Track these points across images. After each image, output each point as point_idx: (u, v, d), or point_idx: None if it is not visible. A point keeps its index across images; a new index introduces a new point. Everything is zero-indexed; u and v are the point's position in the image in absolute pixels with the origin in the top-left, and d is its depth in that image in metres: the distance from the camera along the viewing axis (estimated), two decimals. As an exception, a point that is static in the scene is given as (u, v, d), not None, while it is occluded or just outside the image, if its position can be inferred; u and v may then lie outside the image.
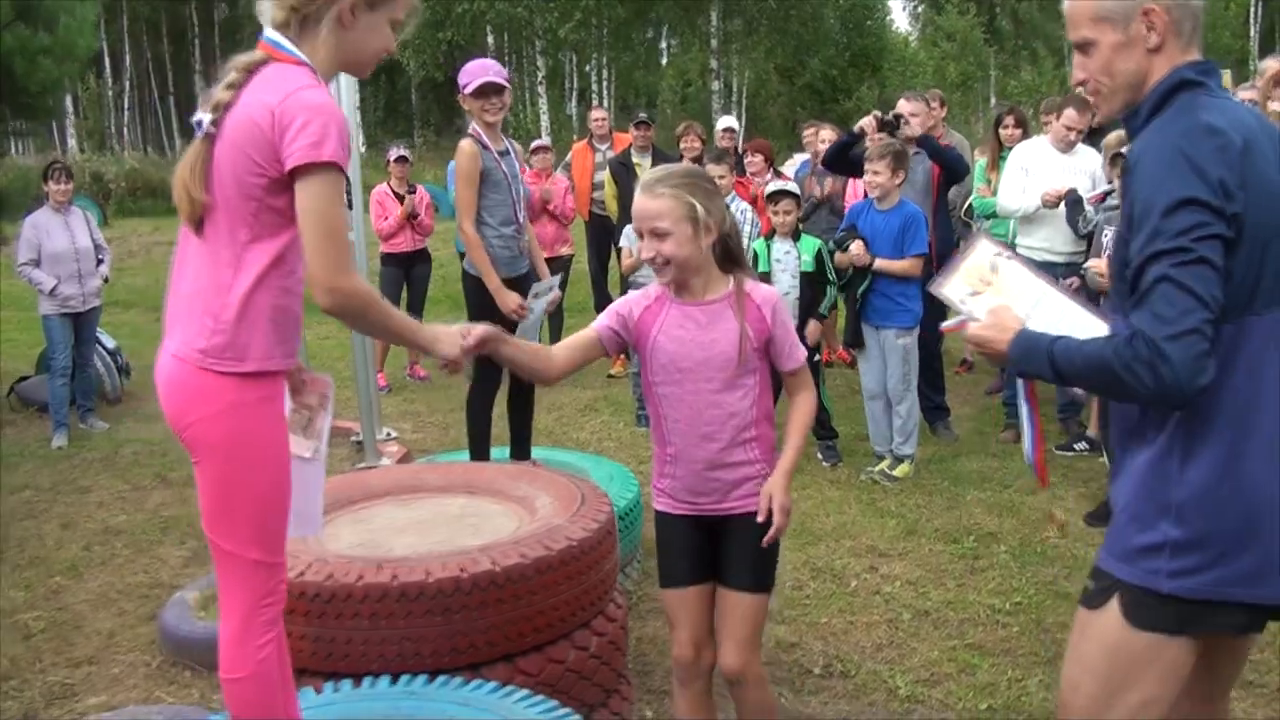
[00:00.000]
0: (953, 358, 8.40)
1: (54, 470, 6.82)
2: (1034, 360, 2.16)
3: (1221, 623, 2.08)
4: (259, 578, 2.35)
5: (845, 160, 6.80)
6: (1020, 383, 2.62)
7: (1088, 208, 5.97)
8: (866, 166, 6.05)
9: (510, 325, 5.04)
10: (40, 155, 28.81)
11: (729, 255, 2.95)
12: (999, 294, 2.37)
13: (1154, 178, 1.98)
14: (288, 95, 2.23)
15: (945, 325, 2.72)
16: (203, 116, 2.33)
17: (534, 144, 9.48)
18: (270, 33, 2.35)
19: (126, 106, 38.78)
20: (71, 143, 32.94)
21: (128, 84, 38.68)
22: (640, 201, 2.84)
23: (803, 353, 3.04)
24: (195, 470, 2.36)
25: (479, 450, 5.25)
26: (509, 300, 5.04)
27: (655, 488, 3.08)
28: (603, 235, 10.06)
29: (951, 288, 2.45)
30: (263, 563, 2.34)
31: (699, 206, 2.81)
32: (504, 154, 5.09)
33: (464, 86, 5.08)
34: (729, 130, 9.77)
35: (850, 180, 7.78)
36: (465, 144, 5.01)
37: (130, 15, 37.72)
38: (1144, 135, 2.09)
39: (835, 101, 32.84)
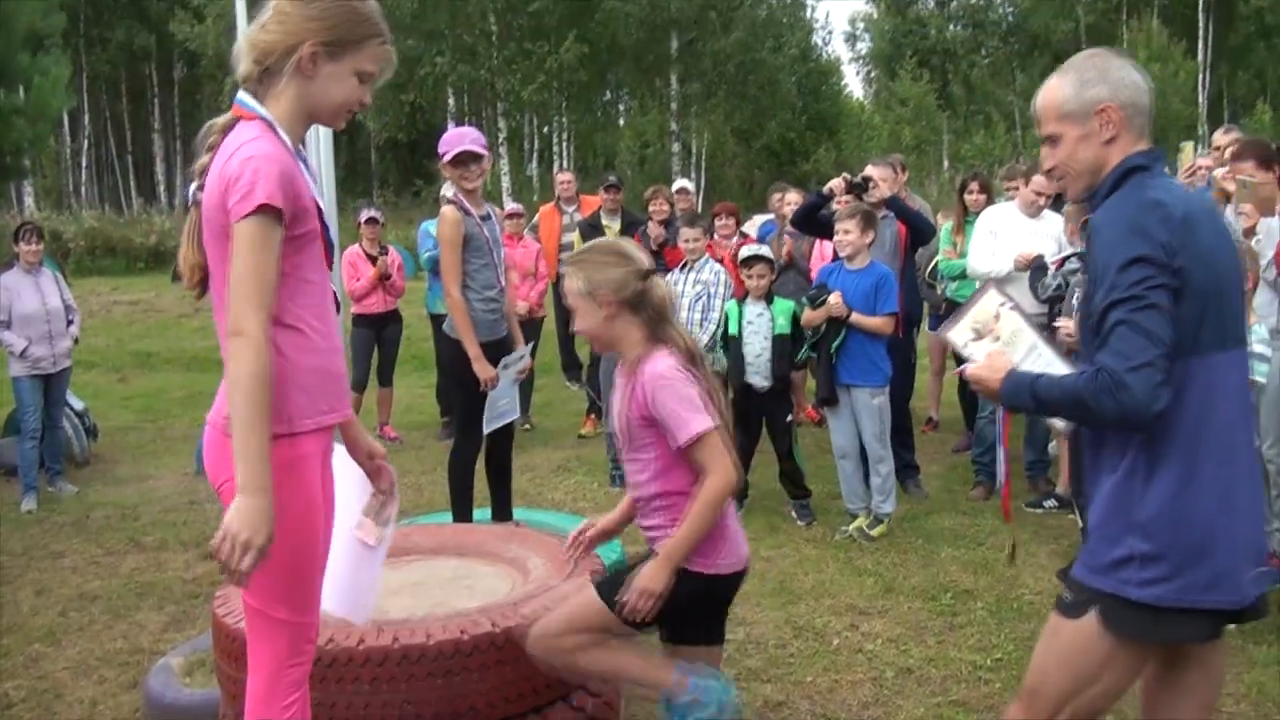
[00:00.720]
0: (919, 416, 8.52)
1: (25, 535, 6.75)
2: (1020, 395, 2.51)
3: (1186, 630, 2.38)
4: (285, 636, 2.38)
5: (813, 221, 6.94)
6: (999, 427, 2.77)
7: (1049, 275, 6.13)
8: (837, 226, 6.18)
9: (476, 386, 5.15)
10: (-3, 213, 28.57)
11: (653, 324, 3.03)
12: (997, 340, 2.74)
13: (1110, 243, 2.35)
14: (230, 156, 2.28)
15: (957, 370, 2.99)
16: (192, 185, 2.41)
17: (507, 209, 9.58)
18: (240, 93, 2.41)
19: (85, 165, 38.58)
20: (29, 200, 32.69)
21: (86, 142, 38.51)
22: None
23: (693, 430, 2.91)
24: None
25: (462, 512, 5.28)
26: (485, 370, 5.14)
27: None
28: (568, 295, 10.16)
29: (957, 332, 2.80)
30: (289, 622, 2.38)
31: (583, 281, 2.98)
32: (485, 219, 5.20)
33: (442, 155, 5.18)
34: (683, 191, 9.92)
35: (818, 242, 7.94)
36: (448, 210, 5.10)
37: (90, 74, 37.63)
38: (1102, 209, 2.45)
39: (793, 164, 33.39)
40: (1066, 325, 5.30)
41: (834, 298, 6.03)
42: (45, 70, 8.38)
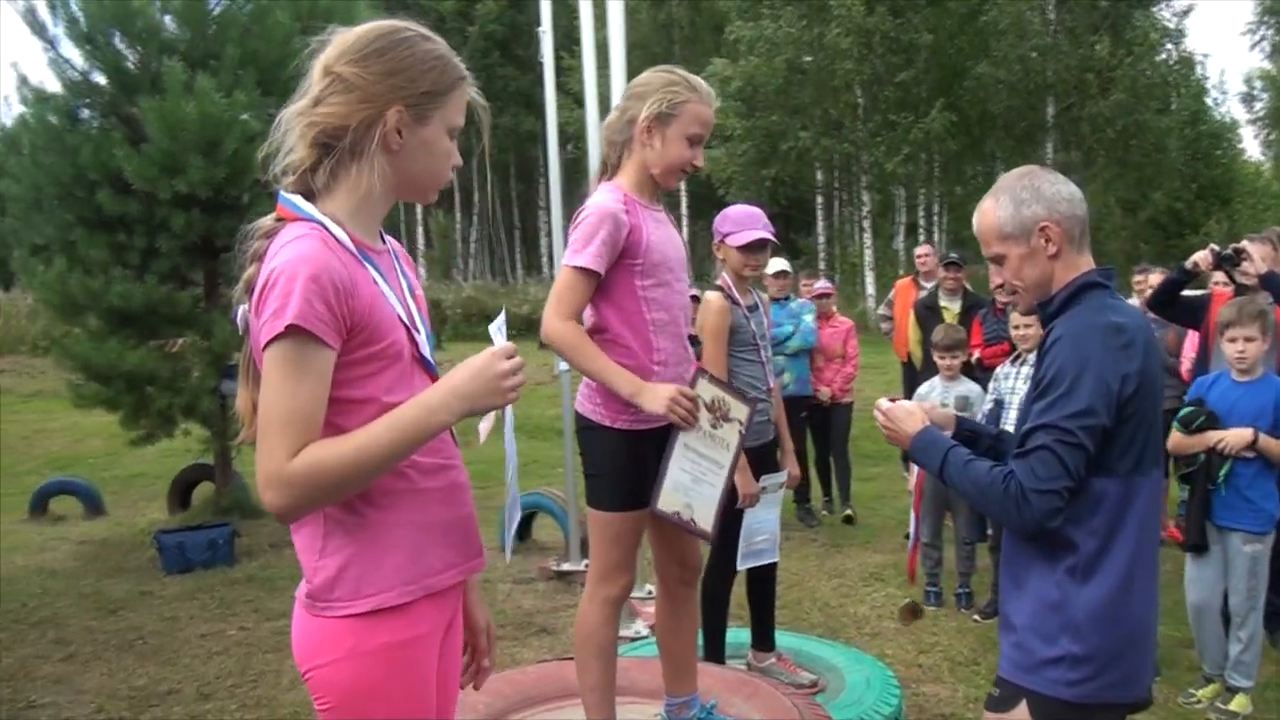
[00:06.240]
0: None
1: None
2: (931, 454, 2.59)
3: None
4: None
5: (1175, 304, 5.84)
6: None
7: None
8: (1231, 332, 4.84)
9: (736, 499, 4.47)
10: (391, 284, 31.15)
11: None
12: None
13: (1068, 355, 2.41)
14: (263, 264, 1.83)
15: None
16: (240, 308, 1.94)
17: (816, 288, 9.18)
18: (282, 192, 1.93)
19: (473, 239, 41.65)
20: (422, 271, 35.57)
21: (475, 219, 41.61)
22: None
23: None
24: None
25: (714, 648, 4.61)
26: (748, 484, 4.38)
27: None
28: (912, 381, 9.20)
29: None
30: None
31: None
32: (753, 309, 4.54)
33: (727, 235, 4.55)
34: None
35: (1188, 332, 6.81)
36: (714, 298, 4.44)
37: (483, 157, 40.73)
38: (1066, 319, 2.49)
39: (1180, 237, 30.63)
40: None
41: (1233, 435, 4.72)
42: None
